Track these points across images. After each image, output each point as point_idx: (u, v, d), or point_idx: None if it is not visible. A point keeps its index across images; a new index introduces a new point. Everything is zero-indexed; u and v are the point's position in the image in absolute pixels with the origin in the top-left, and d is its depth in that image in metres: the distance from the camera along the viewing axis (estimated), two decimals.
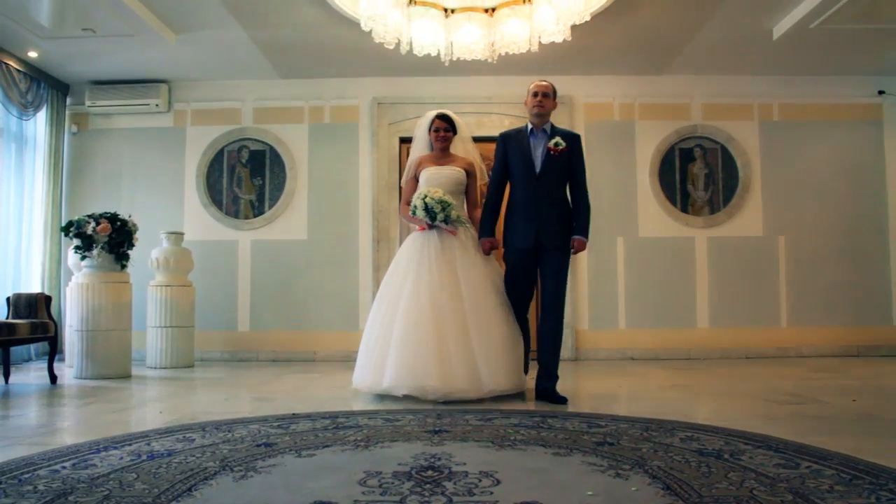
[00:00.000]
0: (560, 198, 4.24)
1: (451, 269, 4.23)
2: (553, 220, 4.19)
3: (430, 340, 4.02)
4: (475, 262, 4.32)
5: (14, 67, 6.41)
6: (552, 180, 4.19)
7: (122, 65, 6.79)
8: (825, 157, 7.27)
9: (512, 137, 4.36)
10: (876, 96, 7.25)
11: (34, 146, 6.88)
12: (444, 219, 4.26)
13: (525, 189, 4.21)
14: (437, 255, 4.27)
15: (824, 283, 7.13)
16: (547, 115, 4.26)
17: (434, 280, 4.20)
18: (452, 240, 4.34)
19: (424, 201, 4.24)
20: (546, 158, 4.17)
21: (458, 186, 4.49)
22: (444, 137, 4.55)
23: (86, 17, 5.65)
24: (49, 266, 6.91)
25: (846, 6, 5.36)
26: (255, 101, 7.37)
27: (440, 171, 4.49)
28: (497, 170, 4.37)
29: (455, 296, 4.15)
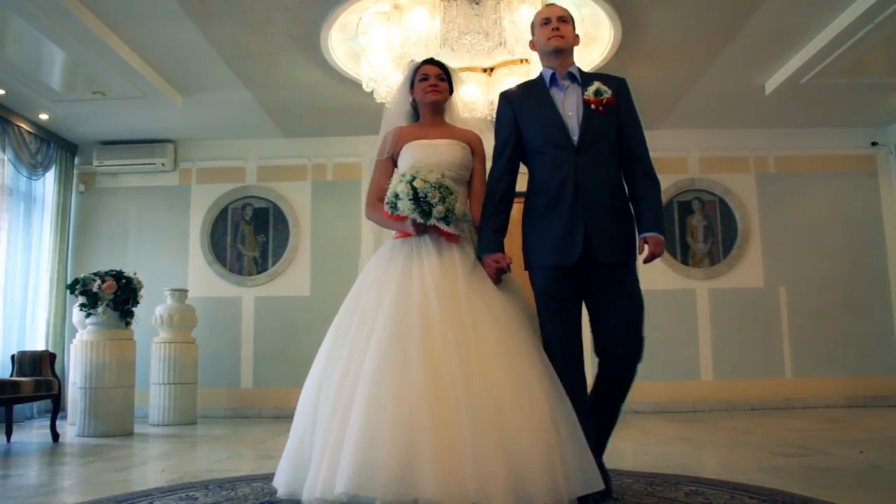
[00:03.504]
0: (614, 180, 2.77)
1: (454, 298, 2.60)
2: (609, 215, 2.71)
3: (421, 418, 2.30)
4: (490, 289, 2.71)
5: (25, 129, 6.57)
6: (601, 152, 2.73)
7: (130, 125, 6.95)
8: (822, 208, 7.35)
9: (520, 95, 2.91)
10: (869, 147, 7.37)
11: (42, 205, 6.99)
12: (445, 215, 2.65)
13: (556, 171, 2.71)
14: (433, 277, 2.65)
15: (827, 333, 7.13)
16: (569, 49, 2.86)
17: (428, 318, 2.54)
18: (452, 253, 2.74)
19: (412, 185, 2.64)
20: (586, 117, 2.73)
21: (462, 171, 2.89)
22: (438, 88, 2.97)
23: (96, 80, 5.81)
24: (54, 323, 6.94)
25: (834, 62, 5.51)
26: (259, 159, 7.51)
27: (434, 146, 2.88)
28: (502, 147, 2.84)
29: (462, 344, 2.48)
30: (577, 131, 2.72)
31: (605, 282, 2.74)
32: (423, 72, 3.02)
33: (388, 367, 2.42)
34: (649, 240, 2.76)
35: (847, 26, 4.96)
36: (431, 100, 2.97)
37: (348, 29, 5.05)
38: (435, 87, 2.96)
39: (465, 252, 2.79)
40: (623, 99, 2.82)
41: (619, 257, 2.72)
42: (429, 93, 2.96)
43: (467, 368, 2.42)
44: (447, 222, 2.68)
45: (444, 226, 2.69)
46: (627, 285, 2.77)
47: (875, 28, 4.92)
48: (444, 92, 3.00)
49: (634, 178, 2.81)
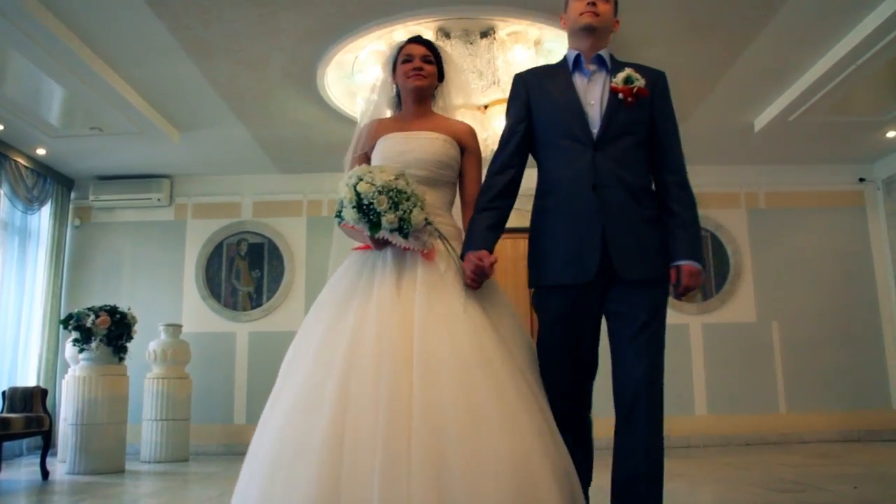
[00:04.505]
0: (641, 184, 2.36)
1: (402, 326, 2.13)
2: (634, 223, 2.31)
3: (322, 469, 1.90)
4: (477, 317, 2.20)
5: (22, 164, 6.61)
6: (625, 150, 2.34)
7: (127, 161, 7.00)
8: (813, 243, 7.43)
9: (537, 76, 2.53)
10: (857, 183, 7.48)
11: (37, 239, 7.01)
12: (399, 226, 2.18)
13: (570, 167, 2.33)
14: (379, 301, 2.20)
15: (820, 367, 7.15)
16: (603, 31, 2.45)
17: (357, 353, 2.09)
18: (415, 270, 2.27)
19: (356, 189, 2.19)
20: (611, 108, 2.34)
21: (442, 170, 2.45)
22: (422, 72, 2.51)
23: (94, 116, 5.87)
24: (46, 358, 6.91)
25: (820, 101, 5.63)
26: (255, 195, 7.56)
27: (408, 138, 2.47)
28: (509, 134, 2.46)
29: (400, 384, 2.00)
30: (599, 123, 2.31)
31: (625, 305, 2.28)
32: (407, 52, 2.53)
33: (297, 412, 2.02)
34: (683, 269, 2.29)
35: (832, 66, 5.07)
36: (413, 85, 2.49)
37: (344, 67, 5.14)
38: (419, 72, 2.48)
39: (434, 269, 2.26)
40: (659, 94, 2.42)
41: (646, 273, 2.27)
42: (411, 77, 2.49)
43: (402, 411, 1.92)
44: (403, 234, 2.19)
45: (400, 239, 2.20)
46: (648, 310, 2.27)
47: (858, 68, 5.04)
48: (430, 77, 2.52)
49: (667, 189, 2.38)
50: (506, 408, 1.98)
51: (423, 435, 1.89)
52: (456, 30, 4.44)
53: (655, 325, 2.29)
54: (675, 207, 2.35)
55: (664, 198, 2.38)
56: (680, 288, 2.31)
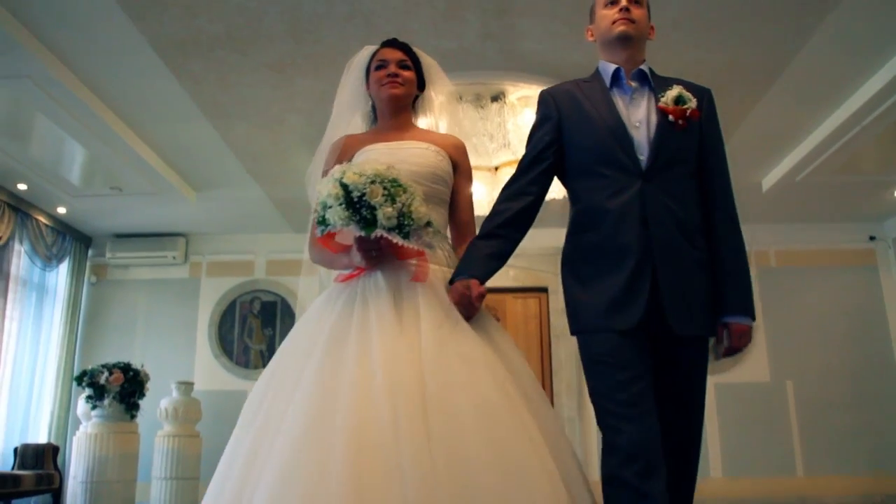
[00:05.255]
0: (693, 221, 2.05)
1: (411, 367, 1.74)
2: (689, 269, 2.00)
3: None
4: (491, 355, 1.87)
5: (43, 223, 6.75)
6: (678, 182, 2.04)
7: (144, 219, 7.14)
8: (826, 301, 7.40)
9: (570, 93, 2.16)
10: (868, 242, 7.49)
11: (54, 296, 7.10)
12: (399, 221, 1.82)
13: (614, 200, 2.00)
14: (381, 338, 1.80)
15: (838, 427, 7.03)
16: (640, 40, 2.16)
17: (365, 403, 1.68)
18: (415, 298, 1.90)
19: (342, 183, 1.81)
20: (661, 132, 2.02)
21: (437, 185, 2.11)
22: (398, 79, 2.18)
23: (114, 176, 6.02)
24: (58, 414, 6.92)
25: (827, 161, 5.69)
26: (269, 253, 7.65)
27: (393, 148, 2.12)
28: (532, 159, 2.13)
29: (420, 445, 1.61)
30: (647, 150, 2.00)
31: (672, 364, 1.99)
32: (380, 57, 2.22)
33: (296, 480, 1.56)
34: (732, 328, 2.00)
35: (838, 127, 5.14)
36: (389, 94, 2.16)
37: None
38: (394, 79, 2.16)
39: (436, 295, 1.91)
40: (708, 115, 2.11)
41: (701, 330, 2.00)
42: (385, 85, 2.16)
43: (428, 482, 1.54)
44: (404, 233, 1.81)
45: (400, 238, 1.81)
46: (696, 372, 2.03)
47: (864, 129, 5.11)
48: (407, 84, 2.19)
49: (715, 227, 2.06)
50: (539, 458, 1.68)
51: (455, 499, 1.54)
52: (468, 94, 4.56)
53: (700, 382, 2.05)
54: (724, 251, 2.05)
55: (712, 238, 2.06)
56: (724, 350, 2.03)
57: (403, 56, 2.23)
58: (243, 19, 3.91)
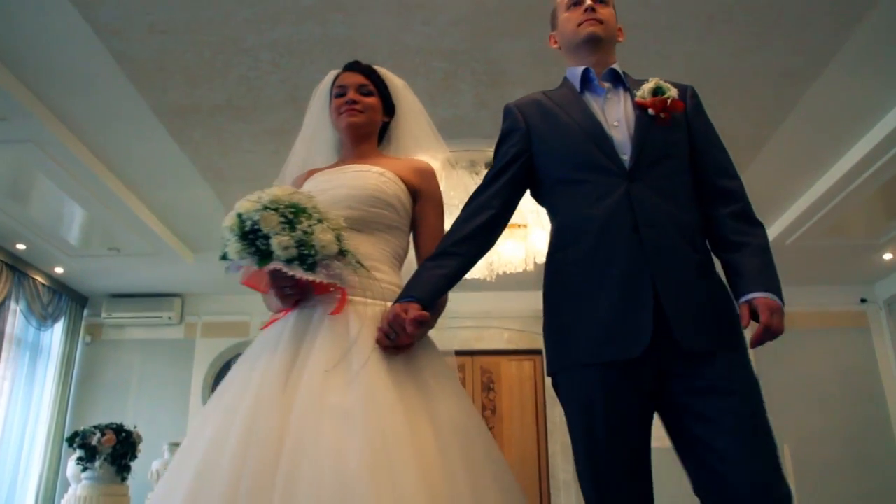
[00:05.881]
0: (692, 222, 1.80)
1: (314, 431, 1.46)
2: (691, 275, 1.72)
3: None
4: (373, 408, 1.51)
5: (40, 282, 6.78)
6: (668, 178, 1.80)
7: (140, 280, 7.18)
8: (820, 364, 7.41)
9: (536, 104, 1.98)
10: (859, 304, 7.54)
11: (48, 356, 7.08)
12: (299, 252, 1.61)
13: (599, 205, 1.77)
14: (276, 387, 1.55)
15: (839, 492, 6.94)
16: (609, 41, 1.98)
17: (254, 472, 1.40)
18: (330, 337, 1.65)
19: (238, 214, 1.65)
20: (641, 126, 1.82)
21: (379, 208, 1.89)
22: (356, 106, 2.01)
23: (113, 237, 6.09)
24: (47, 476, 6.82)
25: (816, 225, 5.79)
26: (264, 314, 7.53)
27: (333, 174, 1.98)
28: (496, 172, 1.92)
29: None
30: (630, 146, 1.79)
31: (695, 388, 1.64)
32: (339, 82, 2.06)
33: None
34: (759, 304, 1.65)
35: (825, 191, 5.26)
36: (346, 123, 2.00)
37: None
38: (352, 105, 1.99)
39: (342, 332, 1.64)
40: (695, 109, 1.91)
41: (716, 342, 1.66)
42: (343, 113, 2.00)
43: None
44: (306, 264, 1.58)
45: (302, 271, 1.58)
46: (737, 388, 1.63)
47: (851, 193, 5.22)
48: (369, 111, 2.01)
49: (723, 222, 1.79)
50: None
51: None
52: (462, 161, 4.67)
53: (754, 399, 1.63)
54: (739, 238, 1.77)
55: (723, 233, 1.79)
56: (758, 330, 1.63)
57: (364, 80, 2.05)
58: (244, 88, 4.04)
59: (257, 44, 3.64)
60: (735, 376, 1.65)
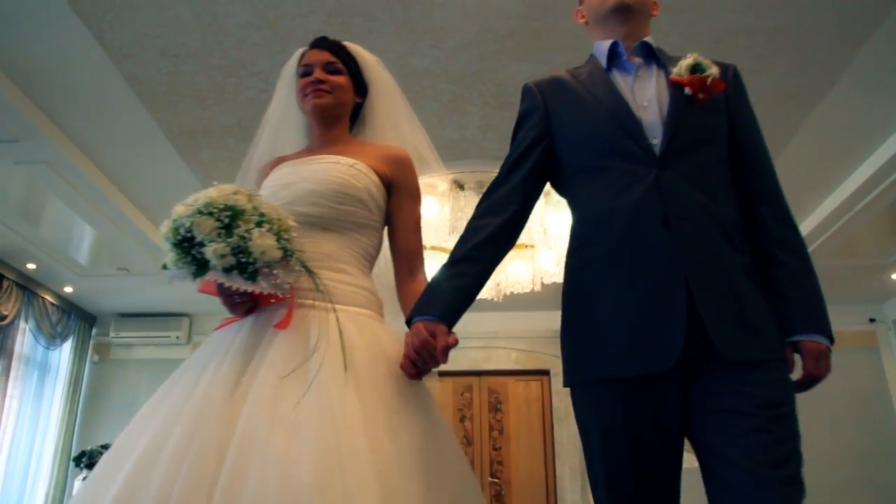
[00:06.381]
0: (732, 218, 1.59)
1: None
2: (731, 276, 1.52)
3: None
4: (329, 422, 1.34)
5: (49, 301, 6.82)
6: (703, 167, 1.59)
7: (149, 299, 7.21)
8: (829, 385, 7.08)
9: (557, 82, 1.77)
10: (868, 324, 7.51)
11: (56, 375, 7.11)
12: (238, 260, 1.44)
13: (626, 196, 1.56)
14: (221, 398, 1.41)
15: None
16: (641, 12, 1.77)
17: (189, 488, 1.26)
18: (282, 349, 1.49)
19: (172, 220, 1.48)
20: (676, 108, 1.61)
21: (346, 205, 1.72)
22: (322, 86, 1.83)
23: (122, 257, 6.13)
24: (53, 495, 6.82)
25: (823, 245, 5.78)
26: None
27: (300, 166, 1.80)
28: (518, 158, 1.72)
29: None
30: (661, 130, 1.58)
31: (729, 395, 1.44)
32: (305, 61, 1.87)
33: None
34: (804, 348, 1.54)
35: (832, 212, 5.25)
36: (312, 104, 1.82)
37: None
38: (319, 86, 1.80)
39: (296, 344, 1.48)
40: (736, 91, 1.69)
41: (763, 352, 1.48)
42: (308, 94, 1.82)
43: None
44: (247, 273, 1.43)
45: (241, 281, 1.44)
46: (776, 402, 1.45)
47: (858, 213, 5.22)
48: (337, 91, 1.83)
49: (764, 226, 1.60)
50: None
51: None
52: (470, 182, 4.70)
53: (786, 428, 1.47)
54: (781, 255, 1.57)
55: (762, 240, 1.59)
56: (802, 378, 1.56)
57: (331, 57, 1.85)
58: (254, 111, 4.08)
59: (267, 67, 3.68)
60: (773, 395, 1.46)
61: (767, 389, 1.46)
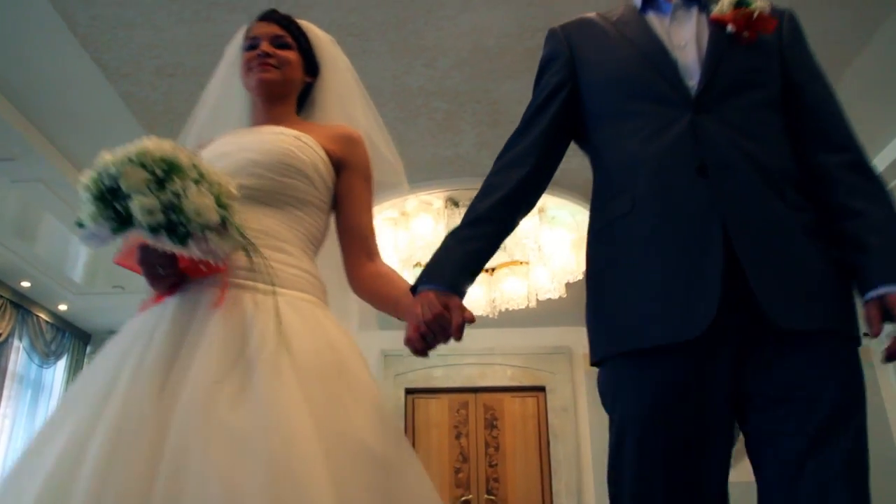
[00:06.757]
0: (783, 168, 1.35)
1: None
2: (782, 232, 1.28)
3: None
4: (275, 430, 1.13)
5: (44, 319, 6.81)
6: (747, 112, 1.38)
7: None
8: None
9: (585, 25, 1.61)
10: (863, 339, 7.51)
11: (50, 392, 7.08)
12: (169, 219, 1.22)
13: (657, 142, 1.36)
14: (146, 397, 1.16)
15: None
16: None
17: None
18: (221, 329, 1.26)
19: (96, 169, 1.24)
20: (716, 45, 1.41)
21: (290, 177, 1.53)
22: (271, 61, 1.66)
23: (117, 275, 6.13)
24: None
25: None
26: None
27: (240, 136, 1.64)
28: (535, 110, 1.56)
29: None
30: (699, 71, 1.40)
31: (783, 375, 1.24)
32: (251, 34, 1.72)
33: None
34: (891, 303, 1.25)
35: None
36: (257, 79, 1.66)
37: None
38: (265, 60, 1.65)
39: (235, 324, 1.29)
40: (792, 36, 1.49)
41: (825, 320, 1.27)
42: (253, 69, 1.66)
43: None
44: (177, 235, 1.24)
45: (169, 243, 1.24)
46: (840, 387, 1.27)
47: None
48: (285, 67, 1.67)
49: (831, 176, 1.35)
50: None
51: None
52: (464, 199, 4.72)
53: (855, 420, 1.28)
54: (856, 203, 1.31)
55: (830, 191, 1.35)
56: (892, 343, 1.28)
57: (280, 31, 1.70)
58: None
59: None
60: (837, 377, 1.25)
61: (834, 366, 1.24)
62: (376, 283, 1.59)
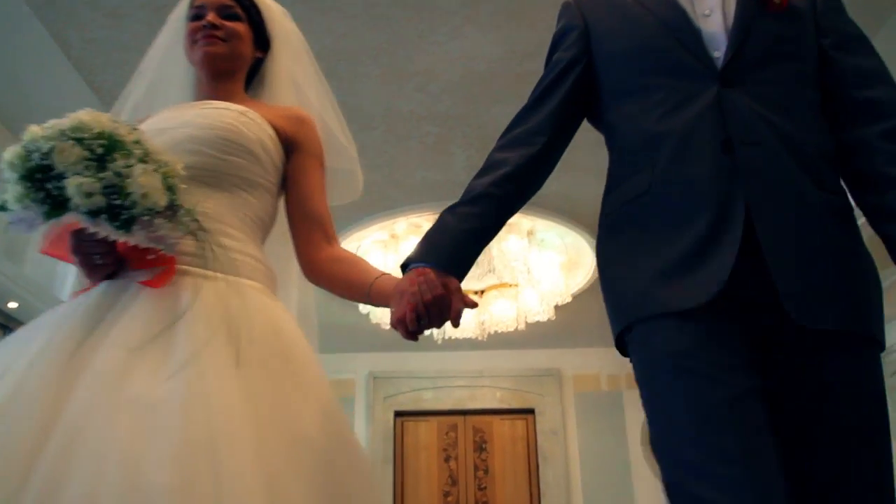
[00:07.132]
0: (818, 145, 1.25)
1: None
2: (813, 220, 1.19)
3: None
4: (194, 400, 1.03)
5: None
6: (779, 85, 1.27)
7: None
8: None
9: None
10: None
11: None
12: (109, 202, 1.08)
13: (678, 116, 1.26)
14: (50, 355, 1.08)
15: None
16: None
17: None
18: (147, 310, 1.16)
19: (23, 144, 1.11)
20: (745, 12, 1.29)
21: (234, 155, 1.40)
22: (218, 33, 1.50)
23: None
24: None
25: None
26: None
27: (179, 110, 1.49)
28: (553, 81, 1.44)
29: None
30: (725, 41, 1.29)
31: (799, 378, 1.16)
32: (198, 2, 1.56)
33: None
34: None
35: None
36: (202, 52, 1.52)
37: None
38: (211, 31, 1.51)
39: (164, 307, 1.17)
40: (832, 5, 1.37)
41: (847, 321, 1.16)
42: (198, 41, 1.52)
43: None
44: (119, 221, 1.12)
45: (110, 229, 1.12)
46: (867, 399, 1.15)
47: None
48: (233, 40, 1.54)
49: (873, 147, 1.24)
50: None
51: None
52: None
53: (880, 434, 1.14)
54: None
55: (869, 160, 1.24)
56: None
57: (228, 1, 1.55)
58: None
59: None
60: (864, 385, 1.15)
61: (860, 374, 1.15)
62: (338, 267, 1.48)
